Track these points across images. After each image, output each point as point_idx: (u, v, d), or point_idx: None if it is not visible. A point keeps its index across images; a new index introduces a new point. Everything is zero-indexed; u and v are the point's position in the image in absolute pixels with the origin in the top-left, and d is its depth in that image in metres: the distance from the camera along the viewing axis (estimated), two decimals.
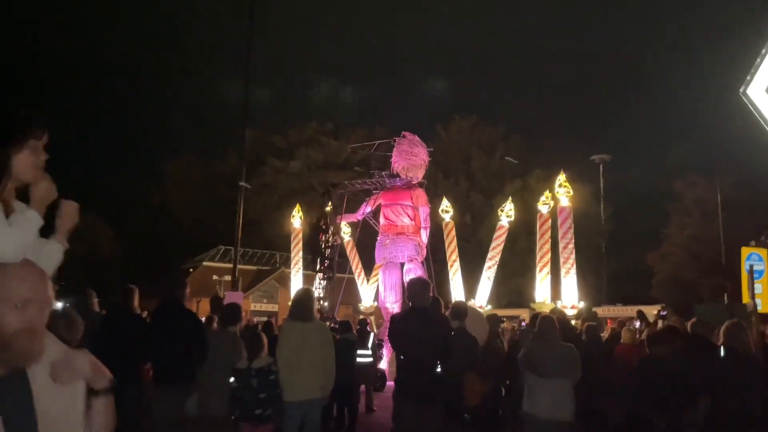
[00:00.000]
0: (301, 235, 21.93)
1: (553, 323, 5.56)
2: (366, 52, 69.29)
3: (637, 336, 10.81)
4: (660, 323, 14.91)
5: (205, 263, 37.18)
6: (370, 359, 10.93)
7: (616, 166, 38.95)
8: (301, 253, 21.81)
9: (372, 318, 16.46)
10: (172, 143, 58.16)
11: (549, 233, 21.06)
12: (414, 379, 4.51)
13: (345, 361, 8.85)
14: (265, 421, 5.01)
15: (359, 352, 10.06)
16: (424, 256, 17.95)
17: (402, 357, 4.66)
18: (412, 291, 4.81)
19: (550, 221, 20.85)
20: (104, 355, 4.99)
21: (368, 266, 21.24)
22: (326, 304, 18.61)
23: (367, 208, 18.48)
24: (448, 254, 20.11)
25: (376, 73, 69.83)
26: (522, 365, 5.46)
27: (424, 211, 17.89)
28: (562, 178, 20.55)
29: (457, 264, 19.97)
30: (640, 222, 37.10)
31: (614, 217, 37.98)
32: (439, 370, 4.64)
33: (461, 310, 6.08)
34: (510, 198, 22.33)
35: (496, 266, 20.83)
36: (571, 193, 20.32)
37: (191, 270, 37.39)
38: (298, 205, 22.49)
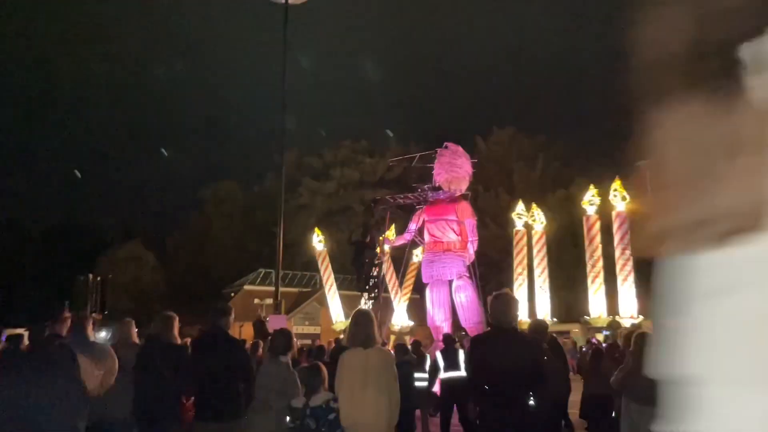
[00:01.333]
0: (327, 257, 21.73)
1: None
2: (402, 65, 69.16)
3: None
4: None
5: (246, 287, 36.99)
6: (426, 383, 10.17)
7: None
8: (332, 275, 21.53)
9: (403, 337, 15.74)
10: (212, 170, 58.94)
11: (598, 238, 20.10)
12: (501, 413, 3.77)
13: (404, 386, 8.16)
14: None
15: (416, 375, 9.34)
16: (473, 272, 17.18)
17: (485, 386, 3.92)
18: (497, 308, 4.08)
19: (598, 224, 19.90)
20: (141, 390, 4.36)
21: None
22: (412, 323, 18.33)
23: (413, 226, 17.76)
24: (515, 264, 19.36)
25: (411, 87, 69.51)
26: (622, 393, 4.67)
27: (470, 223, 17.10)
28: (617, 184, 19.73)
29: (524, 277, 19.15)
30: None
31: None
32: (531, 402, 3.89)
33: (542, 328, 5.32)
34: (520, 200, 21.44)
35: (524, 275, 20.03)
36: (627, 198, 19.46)
37: (233, 294, 37.25)
38: (316, 228, 22.42)
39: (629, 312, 20.12)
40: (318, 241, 21.90)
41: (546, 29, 64.71)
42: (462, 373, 9.33)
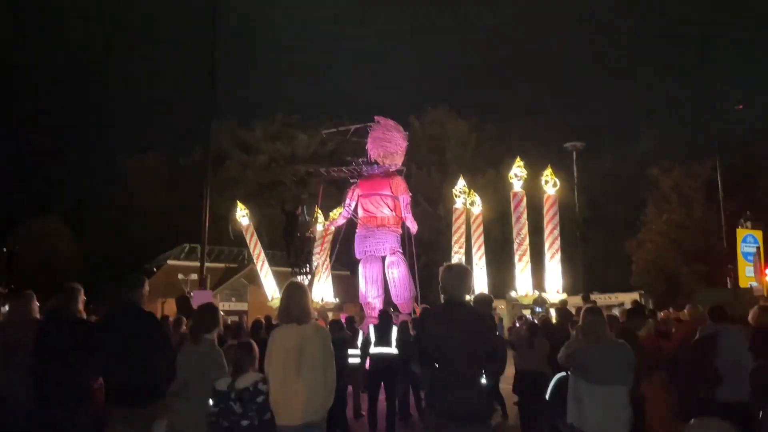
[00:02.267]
0: (254, 232, 20.73)
1: (601, 316, 4.59)
2: (334, 42, 67.95)
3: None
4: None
5: (170, 262, 35.50)
6: (359, 360, 9.87)
7: (588, 154, 38.71)
8: (263, 251, 20.67)
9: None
10: (133, 140, 56.04)
11: (525, 215, 20.28)
12: (452, 391, 3.46)
13: (338, 364, 7.83)
14: None
15: (349, 351, 9.03)
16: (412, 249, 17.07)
17: (435, 365, 3.59)
18: (450, 280, 3.75)
19: (525, 200, 20.05)
20: (41, 373, 3.75)
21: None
22: (336, 300, 17.71)
23: (350, 204, 17.26)
24: (453, 241, 19.28)
25: (346, 64, 68.46)
26: (570, 368, 4.48)
27: (404, 199, 16.85)
28: (548, 171, 20.07)
29: (461, 255, 19.10)
30: (615, 209, 36.84)
31: (588, 205, 37.62)
32: (483, 380, 3.60)
33: (486, 302, 5.08)
34: (461, 176, 21.53)
35: (462, 253, 20.15)
36: (558, 185, 19.96)
37: (155, 270, 35.66)
38: (239, 202, 21.32)
39: (555, 288, 20.56)
40: (242, 215, 20.96)
41: (481, 7, 65.10)
42: (392, 350, 9.10)
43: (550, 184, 19.34)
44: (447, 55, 66.05)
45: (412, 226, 17.12)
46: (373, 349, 9.09)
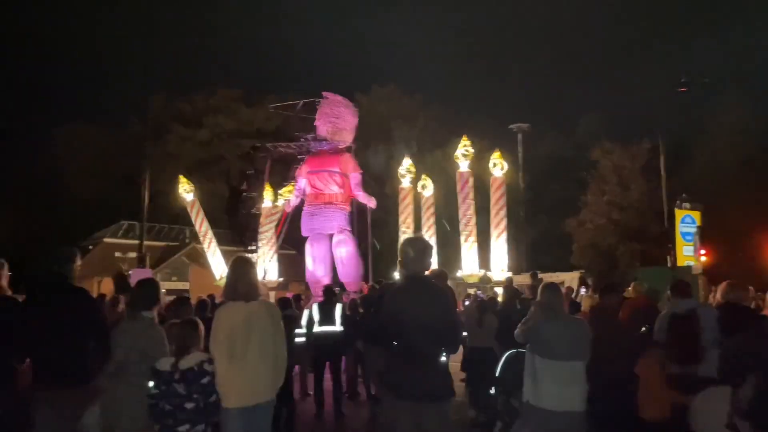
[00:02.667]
0: (200, 208, 19.63)
1: (559, 292, 4.53)
2: (278, 16, 66.25)
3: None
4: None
5: (106, 240, 34.12)
6: (305, 339, 9.66)
7: (532, 134, 39.35)
8: (210, 229, 19.70)
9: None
10: (63, 107, 53.21)
11: (471, 194, 20.46)
12: (413, 370, 3.29)
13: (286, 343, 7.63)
14: None
15: (296, 331, 8.80)
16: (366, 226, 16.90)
17: (394, 343, 3.42)
18: (410, 254, 3.55)
19: (471, 180, 20.20)
20: None
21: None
22: (281, 279, 17.21)
23: (301, 182, 16.76)
24: (401, 221, 19.18)
25: (291, 38, 66.95)
26: (527, 343, 4.41)
27: (355, 177, 16.63)
28: (496, 155, 20.27)
29: (410, 234, 18.99)
30: (556, 190, 37.68)
31: (531, 186, 38.33)
32: (443, 358, 3.44)
33: (443, 277, 4.95)
34: (406, 155, 21.59)
35: (409, 233, 20.21)
36: (506, 168, 20.22)
37: (90, 248, 34.23)
38: (182, 177, 20.22)
39: (500, 267, 20.87)
40: (184, 190, 20.07)
41: None
42: (337, 328, 8.95)
43: (498, 167, 19.54)
44: (394, 32, 65.52)
45: (369, 202, 16.99)
46: (317, 328, 8.89)
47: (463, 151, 20.25)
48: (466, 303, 13.22)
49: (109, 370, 3.87)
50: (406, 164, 20.00)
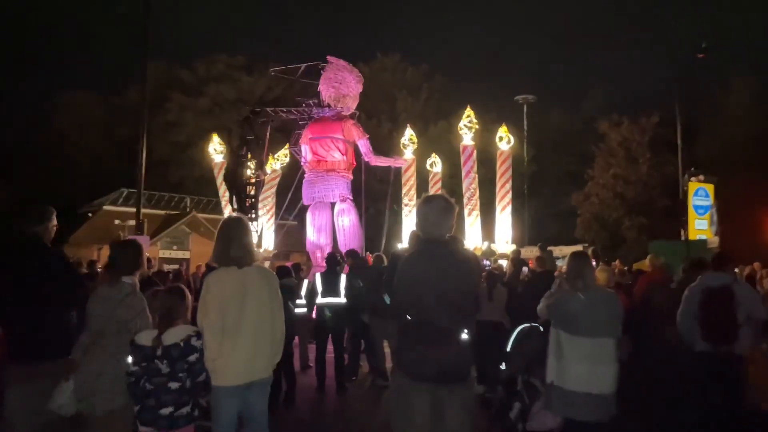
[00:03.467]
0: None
1: (590, 261, 4.09)
2: None
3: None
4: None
5: (106, 207, 33.65)
6: (305, 309, 9.28)
7: (537, 108, 38.66)
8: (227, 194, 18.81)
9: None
10: (65, 75, 52.37)
11: (476, 168, 20.02)
12: (430, 348, 2.85)
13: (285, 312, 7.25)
14: (181, 424, 3.23)
15: (296, 301, 8.42)
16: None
17: (407, 316, 3.02)
18: (428, 215, 3.05)
19: (475, 154, 19.75)
20: None
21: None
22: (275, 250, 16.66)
23: (303, 150, 16.18)
24: (403, 193, 18.81)
25: (291, 5, 65.60)
26: (551, 320, 3.98)
27: (364, 144, 16.15)
28: (503, 129, 19.76)
29: (410, 208, 18.60)
30: (562, 163, 37.12)
31: (536, 159, 37.78)
32: (464, 335, 3.00)
33: (459, 242, 4.50)
34: (408, 126, 21.14)
35: (411, 206, 19.83)
36: (512, 141, 19.73)
37: (90, 215, 33.85)
38: (215, 134, 19.26)
39: (504, 240, 20.50)
40: (215, 150, 19.11)
41: None
42: (341, 299, 8.57)
43: (505, 140, 19.03)
44: (398, 3, 64.18)
45: (395, 162, 16.79)
46: (320, 299, 8.49)
47: (466, 122, 19.76)
48: None
49: (82, 341, 3.45)
50: (408, 134, 19.47)
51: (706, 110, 31.67)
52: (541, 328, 6.21)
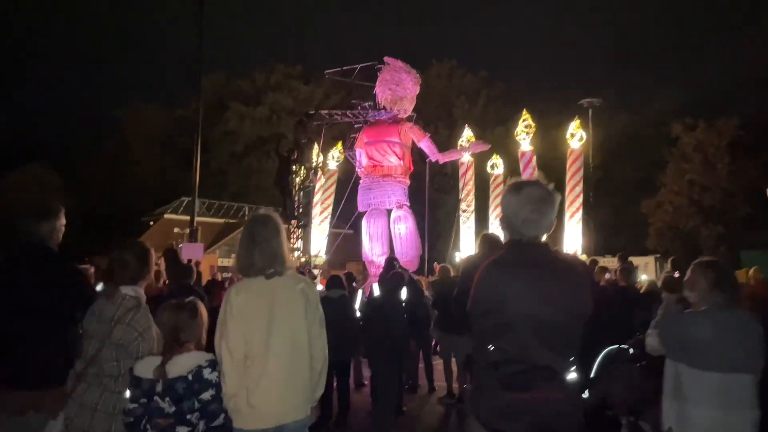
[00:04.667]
0: (333, 181, 17.49)
1: (731, 275, 3.18)
2: None
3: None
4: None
5: (166, 216, 34.15)
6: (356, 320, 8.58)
7: (603, 112, 36.89)
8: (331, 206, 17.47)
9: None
10: (130, 89, 54.13)
11: (535, 174, 18.98)
12: (522, 396, 2.00)
13: (341, 326, 6.53)
14: None
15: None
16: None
17: (490, 346, 2.12)
18: (519, 207, 2.24)
19: (534, 159, 18.73)
20: None
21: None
22: (302, 258, 15.91)
23: (358, 154, 15.52)
24: (461, 198, 18.09)
25: (348, 15, 65.79)
26: (666, 349, 3.09)
27: (427, 145, 15.44)
28: (575, 124, 18.67)
29: (468, 214, 17.77)
30: (629, 169, 35.21)
31: (602, 165, 36.01)
32: (572, 374, 2.14)
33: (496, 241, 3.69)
34: (466, 126, 20.29)
35: (471, 213, 18.88)
36: (584, 138, 18.54)
37: (151, 223, 34.46)
38: (340, 143, 17.74)
39: (573, 250, 19.33)
40: (332, 157, 17.66)
41: None
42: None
43: (576, 137, 17.88)
44: (453, 7, 63.32)
45: (476, 147, 16.18)
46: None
47: (523, 127, 18.84)
48: None
49: (76, 368, 2.82)
50: (466, 136, 18.61)
51: None
52: (631, 350, 5.29)
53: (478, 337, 2.17)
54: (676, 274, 13.03)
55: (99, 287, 3.73)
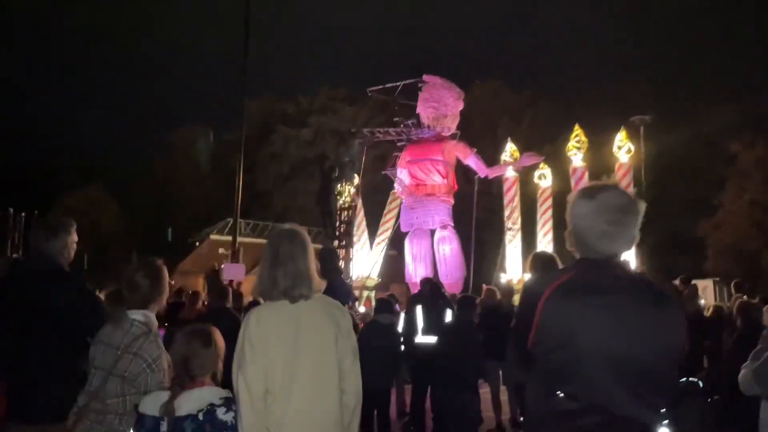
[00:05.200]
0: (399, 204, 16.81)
1: None
2: (379, 15, 65.66)
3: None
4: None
5: (212, 236, 34.51)
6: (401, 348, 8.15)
7: (655, 129, 35.64)
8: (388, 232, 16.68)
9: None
10: (180, 114, 55.63)
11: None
12: None
13: (388, 354, 6.16)
14: None
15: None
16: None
17: (558, 393, 1.70)
18: (592, 216, 1.82)
19: (587, 175, 17.94)
20: None
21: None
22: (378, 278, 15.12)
23: (400, 173, 15.14)
24: (506, 216, 17.48)
25: (392, 36, 66.21)
26: (761, 390, 2.62)
27: (475, 161, 15.06)
28: (622, 136, 17.98)
29: (514, 233, 17.15)
30: (684, 188, 33.80)
31: (655, 184, 34.71)
32: (665, 429, 1.75)
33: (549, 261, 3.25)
34: (509, 138, 19.66)
35: (517, 231, 18.16)
36: (632, 151, 17.79)
37: (197, 243, 34.93)
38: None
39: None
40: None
41: None
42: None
43: (624, 149, 17.18)
44: (497, 27, 62.84)
45: (528, 160, 15.74)
46: (420, 338, 7.24)
47: (575, 142, 18.20)
48: None
49: (80, 401, 2.54)
50: (509, 149, 18.10)
51: None
52: (700, 384, 4.75)
53: (542, 381, 1.75)
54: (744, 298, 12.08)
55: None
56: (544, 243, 18.21)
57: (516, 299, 12.58)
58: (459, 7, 64.97)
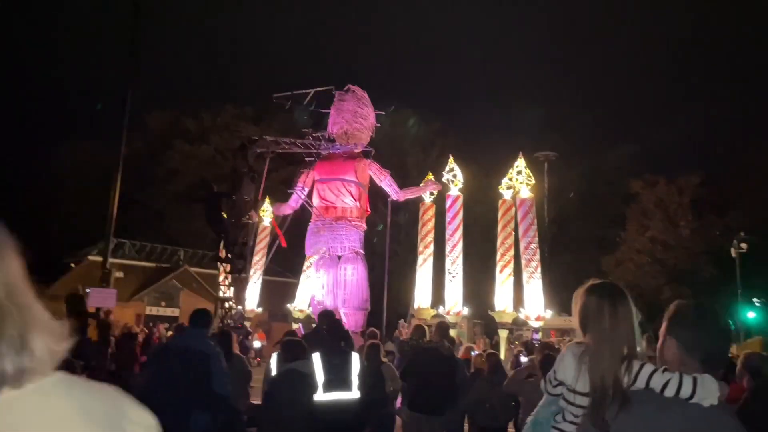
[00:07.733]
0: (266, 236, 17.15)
1: None
2: (291, 36, 64.37)
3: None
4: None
5: (91, 257, 30.82)
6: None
7: (557, 166, 36.28)
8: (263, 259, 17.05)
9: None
10: (63, 127, 50.84)
11: (512, 225, 17.80)
12: None
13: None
14: None
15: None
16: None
17: None
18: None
19: (513, 210, 17.72)
20: None
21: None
22: (238, 308, 13.62)
23: (302, 190, 13.72)
24: (419, 239, 16.67)
25: (302, 59, 64.89)
26: None
27: (387, 182, 13.76)
28: (521, 163, 17.62)
29: (425, 257, 16.22)
30: (586, 226, 34.46)
31: (556, 220, 35.19)
32: None
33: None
34: (429, 175, 19.27)
35: (427, 254, 17.53)
36: (533, 181, 17.53)
37: (73, 265, 31.15)
38: (268, 197, 17.36)
39: (536, 310, 17.84)
40: (265, 213, 17.19)
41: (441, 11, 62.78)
42: (354, 393, 5.34)
43: (524, 185, 16.96)
44: (409, 57, 63.40)
45: (425, 189, 14.79)
46: (322, 395, 5.31)
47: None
48: (523, 358, 9.73)
49: None
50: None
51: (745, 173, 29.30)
52: None
53: None
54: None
55: None
56: (455, 268, 17.72)
57: (453, 335, 11.37)
58: (378, 35, 65.04)
